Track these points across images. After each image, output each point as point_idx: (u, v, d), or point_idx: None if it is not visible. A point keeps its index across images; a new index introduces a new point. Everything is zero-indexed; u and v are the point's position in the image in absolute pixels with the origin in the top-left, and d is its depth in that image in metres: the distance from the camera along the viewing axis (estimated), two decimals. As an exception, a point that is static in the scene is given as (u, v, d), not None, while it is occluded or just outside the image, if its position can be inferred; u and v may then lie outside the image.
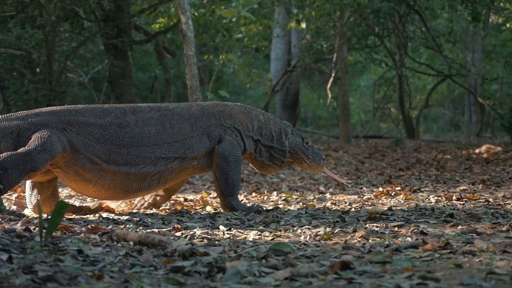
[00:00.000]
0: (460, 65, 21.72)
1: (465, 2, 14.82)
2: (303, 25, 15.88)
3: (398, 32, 18.67)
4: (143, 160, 5.17)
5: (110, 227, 4.42)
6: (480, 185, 7.43)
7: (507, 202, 5.86)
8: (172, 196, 6.15)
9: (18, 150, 4.78)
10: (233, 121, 5.61)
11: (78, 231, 4.24)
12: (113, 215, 5.25)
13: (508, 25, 23.56)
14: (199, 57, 16.39)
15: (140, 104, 5.51)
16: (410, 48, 20.70)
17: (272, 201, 6.45)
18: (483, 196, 6.39)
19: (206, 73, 21.86)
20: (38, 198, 5.23)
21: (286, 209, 5.73)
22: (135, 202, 5.87)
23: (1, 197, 4.80)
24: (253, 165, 5.91)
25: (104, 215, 5.23)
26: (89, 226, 4.32)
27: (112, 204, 5.76)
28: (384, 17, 15.64)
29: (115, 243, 3.86)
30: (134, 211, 5.63)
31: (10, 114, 5.08)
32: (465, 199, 6.11)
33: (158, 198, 5.82)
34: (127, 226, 4.60)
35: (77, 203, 5.94)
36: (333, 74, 17.93)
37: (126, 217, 5.09)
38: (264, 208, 5.64)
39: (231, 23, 15.07)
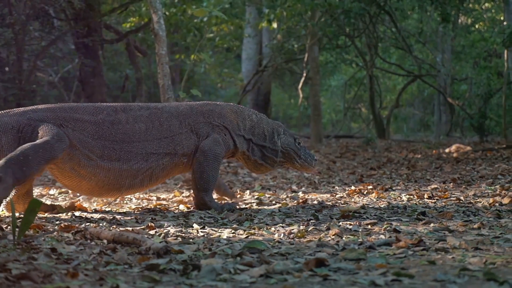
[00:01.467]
0: (430, 66, 21.88)
1: (435, 3, 14.93)
2: (275, 25, 15.92)
3: (369, 32, 18.77)
4: (135, 155, 5.27)
5: (83, 225, 4.40)
6: (451, 183, 7.49)
7: (477, 200, 5.91)
8: (142, 196, 6.16)
9: (36, 141, 4.86)
10: (222, 120, 5.69)
11: (51, 229, 4.21)
12: (86, 213, 5.22)
13: (477, 26, 23.79)
14: (170, 57, 16.33)
15: (130, 103, 5.60)
16: (380, 49, 20.81)
17: (245, 200, 6.44)
18: (454, 194, 6.43)
19: (177, 73, 21.79)
20: (12, 196, 5.20)
21: (259, 207, 5.74)
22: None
23: None
24: (246, 165, 5.98)
25: (77, 213, 5.21)
26: (62, 225, 4.29)
27: (84, 203, 5.74)
28: (354, 17, 15.72)
29: (88, 241, 3.84)
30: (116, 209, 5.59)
31: (7, 110, 5.15)
32: (436, 198, 6.16)
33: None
34: (100, 224, 4.58)
35: (48, 202, 5.90)
36: (304, 74, 17.97)
37: (99, 216, 5.07)
38: (237, 207, 5.66)
39: (203, 22, 15.06)
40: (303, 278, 3.01)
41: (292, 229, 4.40)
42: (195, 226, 4.57)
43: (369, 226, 4.53)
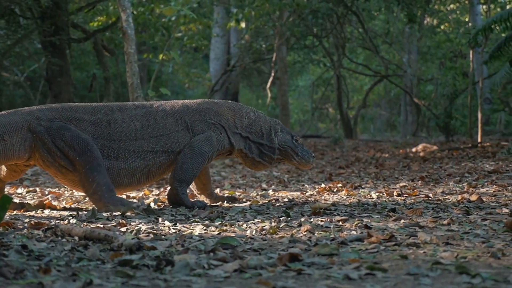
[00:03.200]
0: (397, 66, 22.06)
1: (401, 3, 15.06)
2: (243, 25, 15.93)
3: (336, 32, 18.87)
4: (132, 154, 5.35)
5: (53, 222, 4.36)
6: (419, 181, 7.55)
7: (446, 197, 5.97)
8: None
9: (81, 156, 5.10)
10: (219, 118, 5.72)
11: (21, 226, 4.16)
12: (55, 211, 5.18)
13: (442, 27, 24.03)
14: (138, 56, 16.25)
15: (126, 103, 5.68)
16: (347, 49, 20.93)
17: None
18: (422, 192, 6.49)
19: (145, 72, 21.70)
20: None
21: (230, 204, 5.74)
22: None
23: None
24: (244, 163, 6.02)
25: (47, 211, 5.16)
26: (32, 222, 4.25)
27: (53, 201, 5.70)
28: (322, 17, 15.79)
29: (59, 238, 3.81)
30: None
31: (14, 110, 5.28)
32: (405, 195, 6.21)
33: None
34: (71, 221, 4.55)
35: (17, 201, 5.84)
36: (272, 74, 18.00)
37: (69, 214, 5.03)
38: (208, 204, 5.67)
39: (171, 22, 15.00)
40: (277, 273, 3.01)
41: (264, 226, 4.41)
42: (167, 223, 4.56)
43: (340, 223, 4.55)
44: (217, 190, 7.05)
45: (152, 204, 5.67)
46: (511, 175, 7.83)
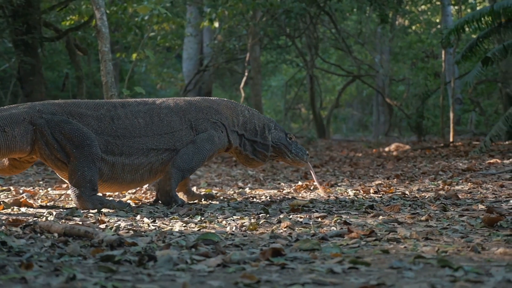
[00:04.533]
0: (369, 66, 22.18)
1: (373, 4, 15.15)
2: (216, 25, 15.90)
3: (309, 32, 18.93)
4: (135, 151, 5.36)
5: (31, 219, 4.32)
6: (395, 179, 7.60)
7: (422, 194, 6.01)
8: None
9: (79, 150, 5.08)
10: (220, 117, 5.76)
11: (-1, 224, 4.12)
12: (32, 209, 5.14)
13: (414, 28, 24.20)
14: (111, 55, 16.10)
15: (128, 99, 5.71)
16: (320, 49, 21.00)
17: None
18: (398, 189, 6.53)
19: (117, 72, 21.57)
20: None
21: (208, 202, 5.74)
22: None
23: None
24: (238, 159, 6.06)
25: (23, 209, 5.11)
26: (10, 219, 4.20)
27: (29, 199, 5.65)
28: (295, 17, 15.83)
29: (38, 235, 3.77)
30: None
31: (16, 104, 5.33)
32: (382, 192, 6.24)
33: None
34: (49, 218, 4.51)
35: (-8, 199, 5.78)
36: (245, 74, 18.00)
37: (45, 211, 4.99)
38: (186, 202, 5.67)
39: (144, 21, 14.94)
40: (261, 267, 3.01)
41: (244, 222, 4.41)
42: (146, 220, 4.54)
43: (320, 219, 4.57)
44: (194, 189, 7.03)
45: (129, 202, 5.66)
46: (485, 173, 7.90)
